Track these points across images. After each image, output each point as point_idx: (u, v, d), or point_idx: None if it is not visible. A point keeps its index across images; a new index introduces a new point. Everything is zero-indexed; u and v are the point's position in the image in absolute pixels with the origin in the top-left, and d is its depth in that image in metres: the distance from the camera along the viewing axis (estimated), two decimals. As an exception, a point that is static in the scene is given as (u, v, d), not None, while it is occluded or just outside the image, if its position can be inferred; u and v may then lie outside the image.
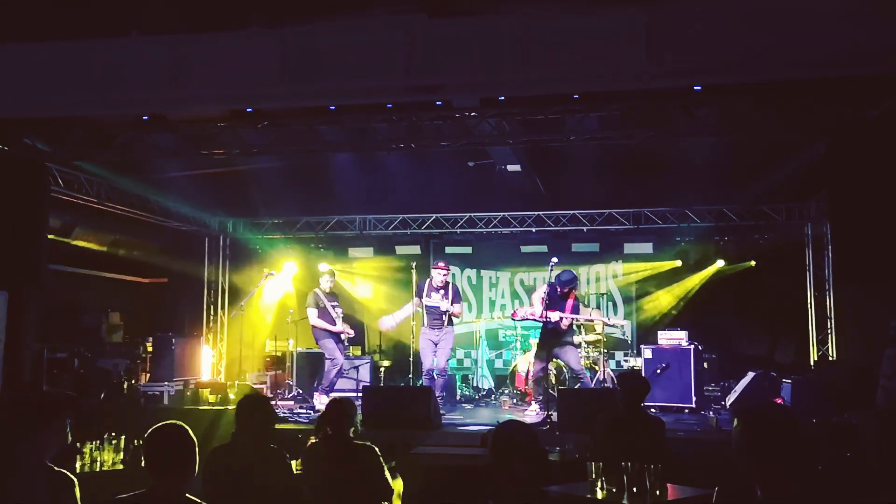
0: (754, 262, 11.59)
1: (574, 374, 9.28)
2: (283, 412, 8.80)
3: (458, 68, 6.09)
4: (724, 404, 9.43)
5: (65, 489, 3.05)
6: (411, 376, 9.71)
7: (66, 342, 9.95)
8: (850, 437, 6.15)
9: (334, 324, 9.41)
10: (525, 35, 5.86)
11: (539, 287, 10.34)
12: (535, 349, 9.43)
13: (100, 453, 5.14)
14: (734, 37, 5.64)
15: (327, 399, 9.09)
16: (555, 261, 8.65)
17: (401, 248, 12.41)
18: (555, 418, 7.65)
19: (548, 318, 8.53)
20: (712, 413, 8.51)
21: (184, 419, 3.19)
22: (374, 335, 12.24)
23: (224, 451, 4.10)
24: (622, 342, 11.76)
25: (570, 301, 8.94)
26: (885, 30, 5.37)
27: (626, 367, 10.93)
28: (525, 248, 12.33)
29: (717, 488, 2.65)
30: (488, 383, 12.08)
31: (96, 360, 10.23)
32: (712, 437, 7.33)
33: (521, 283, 12.70)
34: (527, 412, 9.09)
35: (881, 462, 3.57)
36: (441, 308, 8.94)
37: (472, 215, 11.64)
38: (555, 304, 8.77)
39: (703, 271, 11.84)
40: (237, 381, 9.41)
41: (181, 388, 9.78)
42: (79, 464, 5.03)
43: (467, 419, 8.73)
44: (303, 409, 9.20)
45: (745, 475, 2.42)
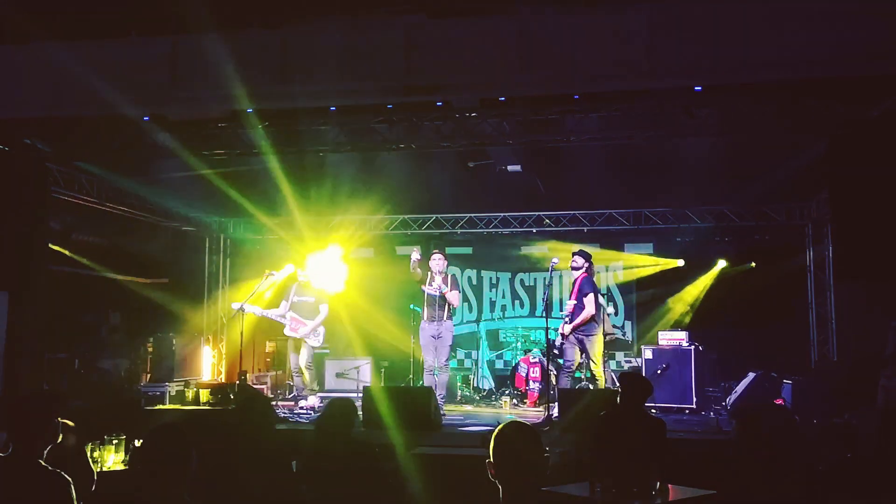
0: (754, 263, 11.57)
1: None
2: (283, 412, 8.81)
3: (458, 69, 6.09)
4: (724, 405, 9.42)
5: (59, 489, 3.05)
6: (412, 376, 9.70)
7: (66, 343, 9.95)
8: (850, 438, 6.16)
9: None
10: (525, 35, 5.86)
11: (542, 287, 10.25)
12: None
13: (100, 453, 5.13)
14: (734, 37, 5.64)
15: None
16: (555, 261, 8.62)
17: (401, 249, 12.40)
18: (556, 418, 7.65)
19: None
20: (713, 414, 8.49)
21: (184, 419, 3.19)
22: (374, 336, 12.22)
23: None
24: (623, 342, 11.74)
25: (574, 291, 8.71)
26: (885, 30, 5.37)
27: (626, 367, 10.91)
28: (525, 249, 12.32)
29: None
30: (489, 384, 12.06)
31: (96, 360, 10.22)
32: (713, 438, 7.33)
33: (522, 283, 12.69)
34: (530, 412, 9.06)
35: (882, 462, 3.56)
36: (441, 290, 8.64)
37: (473, 216, 11.63)
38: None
39: (707, 275, 11.78)
40: (237, 382, 9.41)
41: (182, 388, 9.78)
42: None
43: (468, 420, 8.73)
44: (303, 409, 9.19)
45: (745, 475, 2.42)
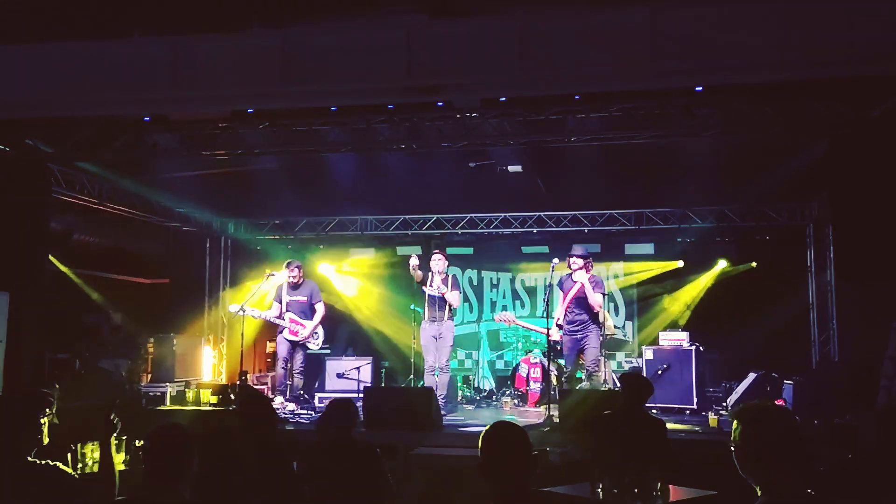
0: (755, 263, 11.57)
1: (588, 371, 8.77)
2: (284, 413, 8.81)
3: (459, 69, 6.08)
4: (725, 405, 9.41)
5: (51, 482, 3.05)
6: (412, 377, 9.70)
7: (67, 343, 9.95)
8: (851, 438, 6.15)
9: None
10: (526, 35, 5.85)
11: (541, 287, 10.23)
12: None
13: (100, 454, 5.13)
14: (735, 37, 5.64)
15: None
16: (556, 261, 8.62)
17: (402, 249, 12.40)
18: (556, 419, 7.65)
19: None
20: (714, 414, 8.48)
21: (184, 420, 3.19)
22: (375, 336, 12.24)
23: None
24: (623, 343, 11.74)
25: (571, 296, 8.70)
26: (886, 30, 5.36)
27: (627, 367, 10.91)
28: (526, 249, 12.32)
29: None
30: (489, 384, 12.06)
31: (97, 360, 10.23)
32: (713, 438, 7.32)
33: (523, 283, 12.69)
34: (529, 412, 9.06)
35: (882, 463, 3.56)
36: (441, 291, 8.72)
37: (474, 216, 11.63)
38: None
39: (707, 275, 11.78)
40: (238, 382, 9.40)
41: (182, 388, 9.78)
42: (79, 465, 5.02)
43: (468, 420, 8.73)
44: (303, 410, 9.20)
45: (745, 476, 2.42)
